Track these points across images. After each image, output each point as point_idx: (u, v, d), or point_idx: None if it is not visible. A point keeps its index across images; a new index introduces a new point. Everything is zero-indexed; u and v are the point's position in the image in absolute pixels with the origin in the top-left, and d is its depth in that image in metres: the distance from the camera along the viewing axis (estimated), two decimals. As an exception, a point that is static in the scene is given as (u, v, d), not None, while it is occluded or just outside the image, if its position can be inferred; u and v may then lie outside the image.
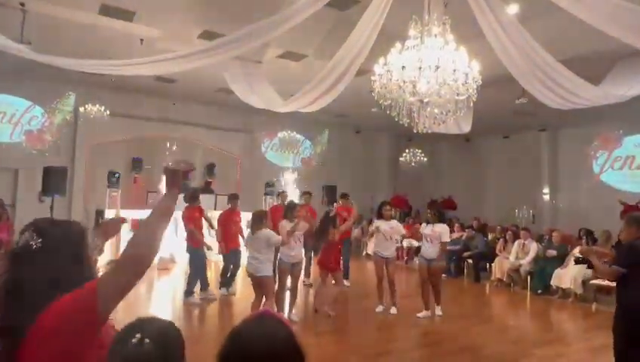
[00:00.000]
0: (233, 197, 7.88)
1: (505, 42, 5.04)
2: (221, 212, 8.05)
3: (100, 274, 1.35)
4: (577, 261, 7.47)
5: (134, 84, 10.40)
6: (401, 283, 9.59)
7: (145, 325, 1.19)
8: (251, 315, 1.24)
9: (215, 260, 9.03)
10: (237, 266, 7.65)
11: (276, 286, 5.91)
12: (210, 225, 7.83)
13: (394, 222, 7.04)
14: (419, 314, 6.54)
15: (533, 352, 5.24)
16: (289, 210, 6.23)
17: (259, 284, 5.49)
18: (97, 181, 11.13)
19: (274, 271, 6.04)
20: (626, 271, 3.53)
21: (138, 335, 1.14)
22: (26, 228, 1.34)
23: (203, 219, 7.58)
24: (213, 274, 8.28)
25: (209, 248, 7.43)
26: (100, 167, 11.30)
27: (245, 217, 10.85)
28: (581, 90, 5.80)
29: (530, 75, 5.62)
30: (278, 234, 5.70)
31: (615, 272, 3.64)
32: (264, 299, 5.47)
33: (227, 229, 7.55)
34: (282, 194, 8.99)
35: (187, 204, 7.27)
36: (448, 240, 6.96)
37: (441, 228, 6.65)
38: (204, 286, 7.18)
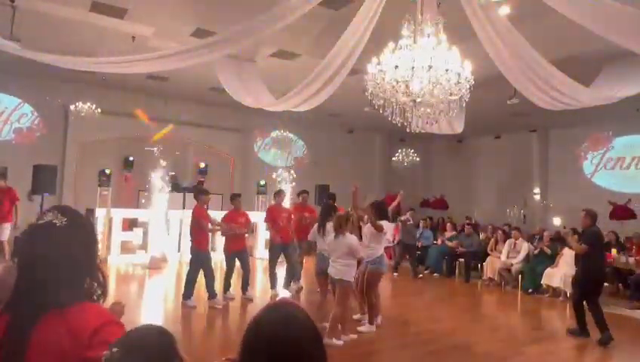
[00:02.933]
0: (234, 197, 7.30)
1: (496, 43, 5.08)
2: (226, 212, 7.34)
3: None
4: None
5: (126, 82, 10.34)
6: (394, 281, 9.62)
7: (126, 336, 1.16)
8: (270, 303, 1.32)
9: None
10: (247, 270, 6.92)
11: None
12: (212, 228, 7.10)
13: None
14: (354, 316, 5.94)
15: (524, 350, 5.28)
16: (344, 222, 5.25)
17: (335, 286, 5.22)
18: (88, 179, 11.04)
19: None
20: (587, 249, 5.77)
21: (115, 350, 1.09)
22: (48, 210, 1.37)
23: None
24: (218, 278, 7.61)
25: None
26: (91, 165, 11.21)
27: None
28: (572, 90, 5.86)
29: (521, 76, 5.67)
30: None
31: (583, 248, 5.83)
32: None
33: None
34: (280, 194, 7.99)
35: (196, 203, 6.79)
36: (389, 238, 6.23)
37: (385, 225, 5.77)
38: (213, 293, 6.57)
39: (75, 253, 1.30)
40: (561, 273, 7.91)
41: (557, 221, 6.82)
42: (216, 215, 7.39)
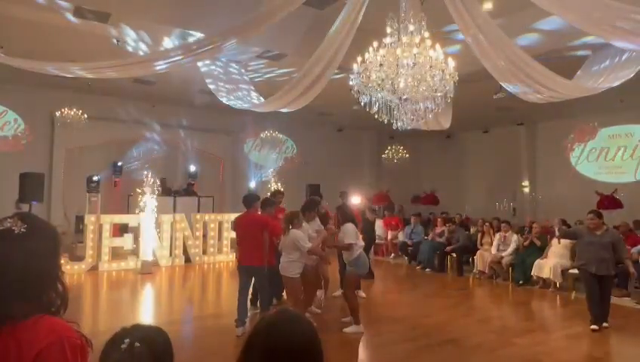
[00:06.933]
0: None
1: (479, 38, 5.13)
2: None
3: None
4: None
5: (112, 86, 10.24)
6: (387, 277, 9.68)
7: (131, 331, 1.26)
8: (273, 311, 1.36)
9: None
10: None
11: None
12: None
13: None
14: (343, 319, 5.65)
15: (516, 341, 5.35)
16: (296, 218, 5.33)
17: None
18: (76, 186, 10.93)
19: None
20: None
21: (127, 341, 1.20)
22: (9, 216, 1.29)
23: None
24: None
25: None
26: (79, 171, 11.09)
27: (226, 219, 10.81)
28: (554, 83, 5.94)
29: (505, 70, 5.73)
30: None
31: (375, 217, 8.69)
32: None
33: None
34: (277, 195, 7.50)
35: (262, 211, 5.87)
36: (352, 241, 5.62)
37: (345, 229, 5.66)
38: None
39: (33, 262, 1.21)
40: (550, 264, 8.00)
41: (356, 199, 8.85)
42: (209, 219, 7.30)
